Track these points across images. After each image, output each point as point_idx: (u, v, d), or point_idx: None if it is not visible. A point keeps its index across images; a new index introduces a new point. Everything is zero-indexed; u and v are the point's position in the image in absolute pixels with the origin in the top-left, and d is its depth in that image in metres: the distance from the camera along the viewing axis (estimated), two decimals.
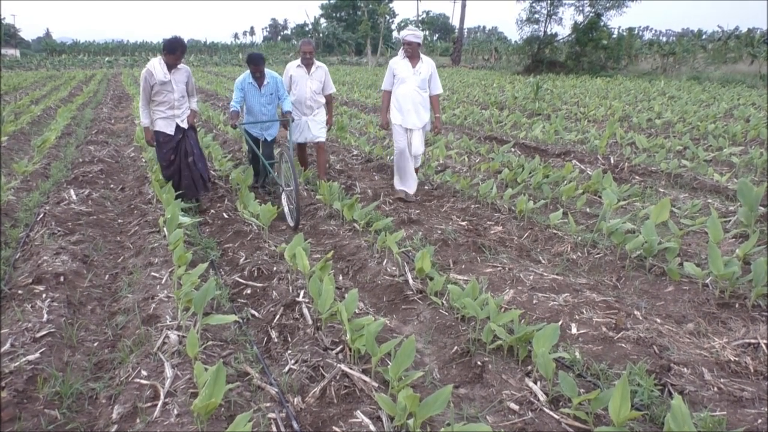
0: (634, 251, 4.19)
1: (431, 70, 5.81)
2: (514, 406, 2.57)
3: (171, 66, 5.24)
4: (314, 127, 6.33)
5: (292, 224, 5.23)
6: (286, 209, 5.47)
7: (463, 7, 44.81)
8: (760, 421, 2.45)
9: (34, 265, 3.99)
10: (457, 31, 51.29)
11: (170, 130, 5.38)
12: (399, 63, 5.81)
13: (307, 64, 6.15)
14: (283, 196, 5.54)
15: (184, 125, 5.46)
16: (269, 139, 6.31)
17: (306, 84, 6.18)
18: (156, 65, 5.22)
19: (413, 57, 5.73)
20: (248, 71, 5.95)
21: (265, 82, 5.92)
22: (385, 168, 7.56)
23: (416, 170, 6.12)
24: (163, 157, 5.49)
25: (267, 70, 5.93)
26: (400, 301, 3.71)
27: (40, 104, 14.65)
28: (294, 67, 6.27)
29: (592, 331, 3.21)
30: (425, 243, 4.59)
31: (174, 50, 5.13)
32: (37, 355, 2.85)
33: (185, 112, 5.49)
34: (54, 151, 8.59)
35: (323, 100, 6.38)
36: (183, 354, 2.84)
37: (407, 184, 6.05)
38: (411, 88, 5.72)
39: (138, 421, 2.41)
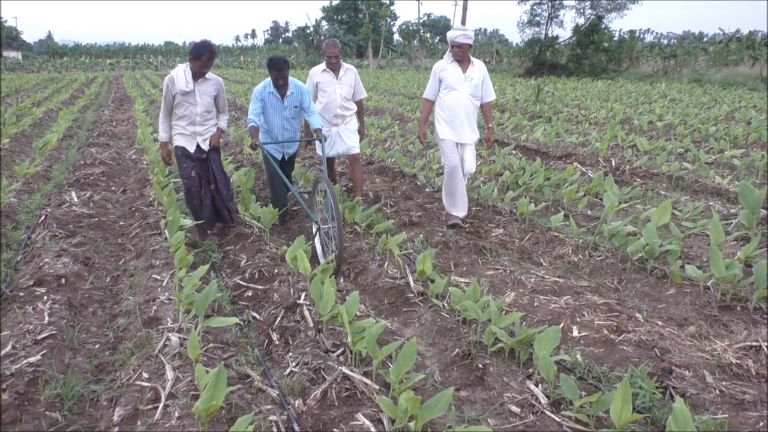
0: (636, 254, 4.18)
1: (483, 74, 5.06)
2: (515, 409, 2.57)
3: (197, 75, 4.50)
4: (348, 138, 5.60)
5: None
6: (319, 251, 4.41)
7: (465, 9, 44.89)
8: (762, 424, 2.44)
9: (36, 267, 3.99)
10: None
11: (191, 147, 4.71)
12: (446, 67, 4.98)
13: (334, 69, 5.45)
14: (317, 236, 4.48)
15: (206, 147, 4.70)
16: (287, 157, 5.40)
17: (335, 90, 5.46)
18: (179, 72, 4.53)
19: (463, 60, 4.96)
20: (268, 79, 4.98)
21: (288, 92, 4.97)
22: (387, 170, 7.56)
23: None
24: (185, 170, 4.76)
25: (290, 78, 4.99)
26: (402, 304, 3.71)
27: (41, 106, 14.69)
28: (319, 72, 5.51)
29: (594, 333, 3.20)
30: (426, 245, 4.59)
31: (199, 55, 4.40)
32: (39, 357, 2.85)
33: (209, 130, 4.73)
34: (55, 153, 8.62)
35: (354, 107, 5.67)
36: (184, 356, 2.84)
37: (460, 207, 5.19)
38: (463, 96, 4.93)
39: (139, 423, 2.41)
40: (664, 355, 2.96)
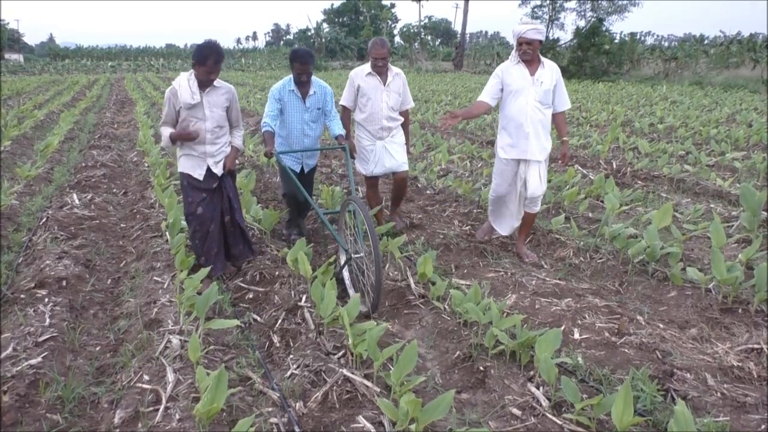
0: (637, 256, 4.18)
1: (557, 78, 4.27)
2: (517, 412, 2.57)
3: (204, 83, 3.71)
4: (396, 153, 4.78)
5: (363, 308, 3.49)
6: (347, 282, 3.86)
7: (465, 12, 44.98)
8: (763, 426, 2.44)
9: (37, 269, 4.00)
10: (459, 36, 51.47)
11: (198, 174, 3.83)
12: (511, 69, 4.23)
13: (381, 73, 4.63)
14: (346, 266, 3.87)
15: (219, 171, 3.86)
16: (307, 169, 4.72)
17: (381, 98, 4.63)
18: (182, 82, 3.70)
19: (533, 61, 4.21)
20: (288, 77, 4.41)
21: (310, 92, 4.39)
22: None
23: (532, 216, 4.49)
24: (189, 205, 3.89)
25: (313, 77, 4.42)
26: (403, 306, 3.71)
27: (43, 109, 14.71)
28: (362, 75, 4.67)
29: (595, 336, 3.20)
30: (427, 248, 4.59)
31: (204, 59, 3.59)
32: (39, 359, 2.85)
33: (222, 150, 3.88)
34: (57, 155, 8.62)
35: (401, 119, 4.85)
36: (185, 358, 2.84)
37: (505, 225, 4.63)
38: (530, 103, 4.17)
39: (140, 425, 2.41)
40: (665, 357, 2.95)
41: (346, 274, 3.90)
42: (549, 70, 4.25)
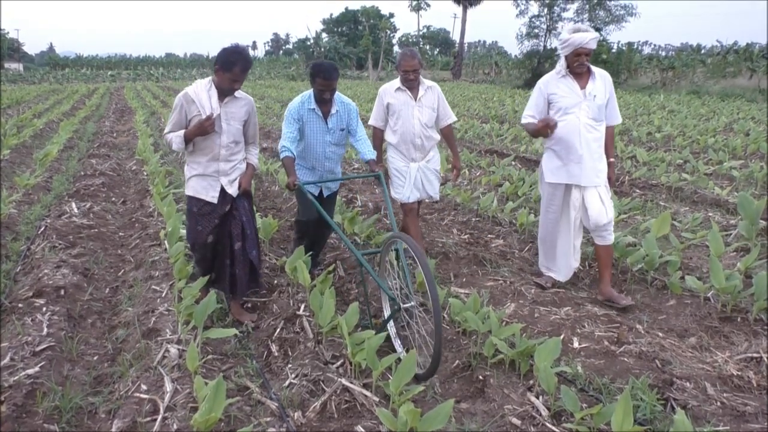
0: (636, 265, 4.18)
1: (610, 89, 3.77)
2: (516, 421, 2.56)
3: (226, 92, 3.29)
4: (429, 182, 4.42)
5: (418, 370, 2.77)
6: (393, 334, 3.26)
7: (464, 21, 45.27)
8: None
9: (35, 278, 3.99)
10: (457, 45, 51.75)
11: (212, 196, 3.39)
12: (557, 83, 3.75)
13: (412, 87, 4.20)
14: (391, 319, 3.19)
15: (233, 191, 3.43)
16: (327, 194, 4.18)
17: (412, 114, 4.20)
18: (200, 89, 3.27)
19: (583, 72, 3.72)
20: (307, 92, 3.88)
21: (333, 111, 3.87)
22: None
23: (605, 249, 3.83)
24: (198, 235, 3.48)
25: (337, 94, 3.89)
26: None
27: (42, 118, 14.74)
28: (391, 91, 4.24)
29: (594, 345, 3.19)
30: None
31: (230, 65, 3.16)
32: (37, 369, 2.84)
33: (237, 167, 3.46)
34: (56, 164, 8.63)
35: (437, 137, 4.40)
36: (183, 368, 2.83)
37: (561, 268, 4.05)
38: (582, 121, 3.67)
39: None
40: (664, 366, 2.95)
41: (392, 331, 3.27)
42: (601, 80, 3.74)
